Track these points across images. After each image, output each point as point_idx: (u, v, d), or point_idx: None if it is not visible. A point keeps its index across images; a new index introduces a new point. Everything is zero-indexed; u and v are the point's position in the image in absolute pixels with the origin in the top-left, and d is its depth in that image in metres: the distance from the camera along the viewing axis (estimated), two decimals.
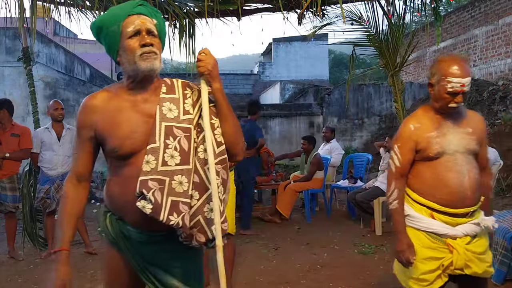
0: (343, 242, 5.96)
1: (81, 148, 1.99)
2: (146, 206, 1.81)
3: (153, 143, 1.86)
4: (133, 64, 1.87)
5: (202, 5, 5.49)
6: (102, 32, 1.94)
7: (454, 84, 2.39)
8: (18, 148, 5.48)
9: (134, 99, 1.94)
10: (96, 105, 1.94)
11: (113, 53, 1.95)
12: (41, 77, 10.99)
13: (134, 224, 1.95)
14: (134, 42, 1.87)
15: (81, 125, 1.96)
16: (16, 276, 4.84)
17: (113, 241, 2.01)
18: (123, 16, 1.89)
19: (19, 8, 5.52)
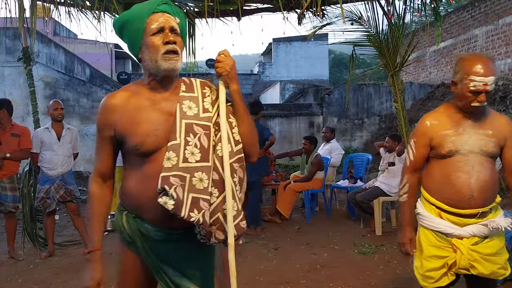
0: (343, 242, 5.96)
1: (103, 148, 2.01)
2: (168, 202, 1.81)
3: (174, 140, 1.88)
4: (154, 63, 1.89)
5: (202, 5, 5.48)
6: (126, 28, 1.96)
7: (476, 83, 2.37)
8: (18, 148, 5.47)
9: (154, 98, 1.95)
10: (115, 104, 1.94)
11: (135, 49, 1.96)
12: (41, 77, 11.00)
13: (152, 221, 1.96)
14: (158, 39, 1.89)
15: (101, 125, 1.97)
16: (16, 276, 4.84)
17: (129, 240, 2.01)
18: (147, 13, 1.91)
19: (19, 8, 5.52)
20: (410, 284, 3.88)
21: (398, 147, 6.24)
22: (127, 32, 1.97)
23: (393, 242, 5.75)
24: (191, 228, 1.92)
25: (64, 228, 7.01)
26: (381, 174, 6.76)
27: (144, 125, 1.90)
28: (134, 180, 1.96)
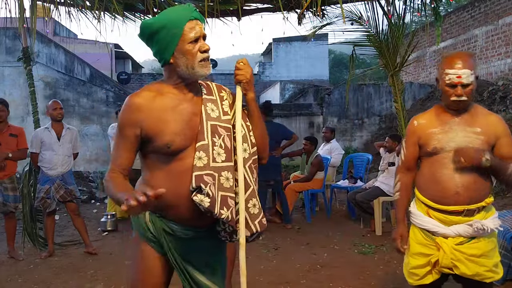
0: (343, 242, 5.96)
1: (125, 146, 2.01)
2: (204, 200, 1.91)
3: (202, 141, 1.98)
4: (191, 69, 1.97)
5: (202, 5, 5.48)
6: (161, 32, 1.96)
7: (451, 75, 2.44)
8: (16, 148, 5.48)
9: (179, 98, 2.03)
10: (141, 103, 1.97)
11: (167, 54, 1.98)
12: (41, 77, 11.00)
13: (179, 220, 2.02)
14: (194, 47, 1.97)
15: (126, 124, 1.98)
16: (16, 276, 4.84)
17: (153, 239, 2.04)
18: (185, 20, 1.97)
19: (19, 8, 5.52)
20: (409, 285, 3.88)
21: (398, 147, 6.23)
22: (162, 37, 1.97)
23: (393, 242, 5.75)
24: (213, 226, 2.05)
25: (64, 228, 7.01)
26: (381, 174, 6.76)
27: (173, 124, 1.97)
28: (160, 179, 1.99)
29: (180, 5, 2.08)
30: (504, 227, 4.13)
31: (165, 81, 2.06)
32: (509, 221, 4.23)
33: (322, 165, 7.48)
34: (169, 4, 5.58)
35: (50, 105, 5.60)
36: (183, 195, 1.95)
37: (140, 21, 6.20)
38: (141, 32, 2.05)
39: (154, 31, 1.99)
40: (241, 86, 2.09)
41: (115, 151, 2.05)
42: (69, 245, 6.00)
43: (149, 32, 2.01)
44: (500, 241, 4.05)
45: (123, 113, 2.00)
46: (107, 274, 4.82)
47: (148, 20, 2.07)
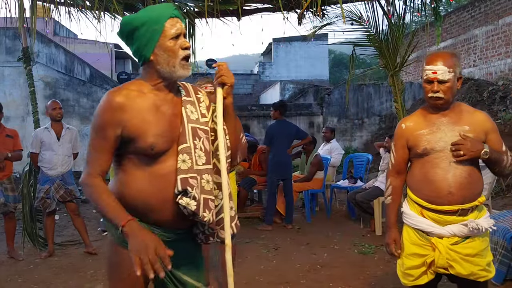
0: (343, 242, 5.95)
1: (105, 148, 1.93)
2: (190, 203, 1.88)
3: (184, 143, 1.94)
4: (172, 67, 1.93)
5: (202, 5, 5.48)
6: (142, 28, 1.92)
7: (427, 71, 2.48)
8: (13, 149, 5.48)
9: (159, 99, 1.98)
10: (124, 102, 1.90)
11: (148, 51, 1.94)
12: (41, 77, 11.01)
13: (160, 223, 1.96)
14: (175, 43, 1.93)
15: (107, 124, 1.90)
16: (16, 276, 4.84)
17: None
18: (166, 17, 1.93)
19: (19, 8, 5.52)
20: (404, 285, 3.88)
21: None
22: (143, 33, 1.93)
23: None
24: (192, 228, 2.05)
25: (64, 228, 7.01)
26: (381, 174, 6.76)
27: (156, 126, 1.92)
28: (141, 182, 1.93)
29: (161, 4, 2.03)
30: (504, 227, 4.13)
31: (144, 81, 2.00)
32: (509, 221, 4.23)
33: (322, 165, 7.48)
34: None
35: (50, 105, 5.60)
36: (166, 198, 1.91)
37: None
38: (121, 30, 2.00)
39: (134, 28, 1.94)
40: (223, 89, 2.05)
41: (94, 153, 1.96)
42: (69, 245, 6.00)
43: (129, 29, 1.96)
44: (500, 241, 4.06)
45: (103, 113, 1.90)
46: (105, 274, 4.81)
47: (128, 16, 2.02)
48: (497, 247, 4.05)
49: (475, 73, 12.55)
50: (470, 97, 10.80)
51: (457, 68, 2.48)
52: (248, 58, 75.04)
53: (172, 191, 1.90)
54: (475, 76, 12.39)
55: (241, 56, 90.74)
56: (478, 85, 11.29)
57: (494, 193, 6.60)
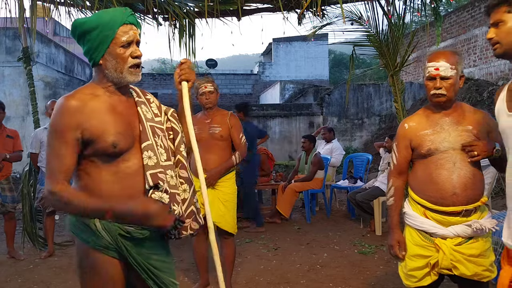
0: (343, 242, 5.96)
1: (67, 152, 1.89)
2: (163, 196, 1.96)
3: (147, 141, 2.00)
4: (119, 73, 1.97)
5: (202, 5, 5.48)
6: (93, 32, 1.93)
7: (429, 68, 2.48)
8: (13, 149, 5.47)
9: (114, 101, 2.01)
10: (79, 105, 1.91)
11: (97, 55, 1.96)
12: (41, 77, 11.01)
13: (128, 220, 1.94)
14: (125, 51, 1.95)
15: (67, 128, 1.88)
16: (16, 276, 4.84)
17: (109, 246, 1.95)
18: (119, 23, 1.94)
19: (19, 8, 5.52)
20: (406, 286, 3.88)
21: None
22: (94, 37, 1.93)
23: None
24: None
25: (64, 228, 7.01)
26: (381, 174, 6.76)
27: (115, 124, 1.94)
28: (106, 183, 1.94)
29: (117, 8, 2.04)
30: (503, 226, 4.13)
31: (96, 84, 2.02)
32: None
33: (322, 164, 7.48)
34: (169, 4, 5.59)
35: (49, 105, 5.61)
36: (135, 195, 1.94)
37: (140, 21, 6.21)
38: (72, 30, 1.99)
39: (85, 31, 1.95)
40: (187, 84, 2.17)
41: (57, 160, 1.90)
42: (69, 245, 5.99)
43: (80, 31, 1.96)
44: (500, 241, 4.05)
45: (61, 117, 1.89)
46: None
47: (81, 19, 2.03)
48: (497, 247, 4.04)
49: (475, 73, 12.56)
50: (470, 97, 10.80)
51: (459, 66, 2.48)
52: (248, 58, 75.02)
53: (141, 188, 1.96)
54: (475, 76, 12.39)
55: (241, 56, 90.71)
56: (478, 85, 11.29)
57: (494, 193, 6.59)
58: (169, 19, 5.85)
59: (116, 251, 1.96)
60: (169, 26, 6.01)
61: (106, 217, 1.87)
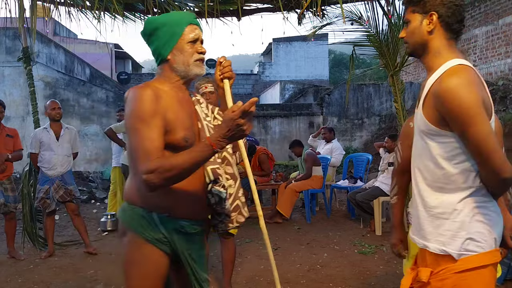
0: (343, 242, 5.96)
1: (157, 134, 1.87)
2: (222, 190, 2.09)
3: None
4: (187, 66, 2.07)
5: (202, 5, 5.49)
6: (163, 28, 2.06)
7: None
8: (13, 149, 5.47)
9: (180, 97, 2.09)
10: (156, 95, 1.95)
11: (166, 50, 2.07)
12: (41, 77, 11.01)
13: (187, 216, 2.05)
14: (192, 47, 2.08)
15: (153, 112, 1.89)
16: (16, 276, 4.84)
17: (163, 240, 2.01)
18: (186, 22, 2.08)
19: (19, 8, 5.52)
20: None
21: None
22: (164, 33, 2.06)
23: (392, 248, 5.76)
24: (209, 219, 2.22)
25: (64, 228, 7.02)
26: (381, 174, 6.76)
27: (185, 119, 2.05)
28: None
29: (184, 11, 2.22)
30: None
31: (163, 79, 2.09)
32: None
33: (316, 159, 7.47)
34: (169, 4, 5.59)
35: (48, 105, 5.60)
36: (197, 189, 2.05)
37: (140, 21, 6.21)
38: (144, 28, 2.13)
39: (156, 27, 2.08)
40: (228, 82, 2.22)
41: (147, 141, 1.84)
42: (69, 245, 6.00)
43: (151, 28, 2.09)
44: None
45: (144, 103, 1.89)
46: (107, 274, 4.82)
47: (152, 17, 2.18)
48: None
49: None
50: None
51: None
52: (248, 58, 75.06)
53: (200, 182, 2.06)
54: None
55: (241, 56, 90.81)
56: None
57: None
58: None
59: (167, 245, 2.03)
60: None
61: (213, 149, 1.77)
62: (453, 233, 1.80)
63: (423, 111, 1.84)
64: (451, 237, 1.80)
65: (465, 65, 1.76)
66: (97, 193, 9.98)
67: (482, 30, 12.39)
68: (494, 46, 11.92)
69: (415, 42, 1.91)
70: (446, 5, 1.82)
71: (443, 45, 1.85)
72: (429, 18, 1.84)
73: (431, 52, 1.87)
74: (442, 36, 1.85)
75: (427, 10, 1.84)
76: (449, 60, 1.79)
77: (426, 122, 1.82)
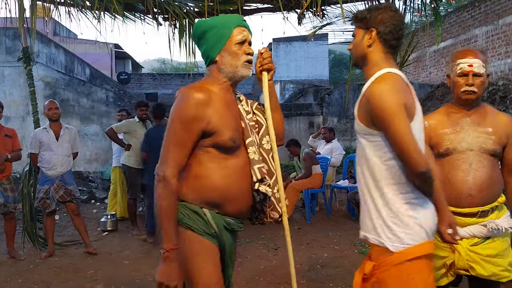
0: (343, 242, 5.96)
1: (189, 141, 2.02)
2: (268, 189, 2.13)
3: (249, 137, 2.15)
4: (234, 68, 2.12)
5: (202, 5, 5.49)
6: (211, 31, 2.12)
7: (462, 64, 2.46)
8: (12, 149, 5.47)
9: (227, 97, 2.15)
10: (205, 98, 2.03)
11: (214, 52, 2.12)
12: (41, 77, 11.01)
13: (233, 213, 2.12)
14: (240, 49, 2.12)
15: (194, 118, 1.99)
16: (16, 276, 4.84)
17: (214, 234, 2.09)
18: (235, 24, 2.13)
19: (19, 8, 5.52)
20: None
21: None
22: (213, 34, 2.12)
23: None
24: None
25: (64, 228, 7.02)
26: None
27: (232, 120, 2.10)
28: (219, 175, 2.06)
29: (232, 14, 2.27)
30: None
31: (212, 80, 2.14)
32: None
33: (314, 158, 7.47)
34: (169, 4, 5.59)
35: (46, 105, 5.60)
36: (244, 188, 2.09)
37: (140, 22, 6.21)
38: (194, 31, 2.22)
39: (204, 30, 2.14)
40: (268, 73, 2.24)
41: (178, 147, 2.02)
42: (69, 245, 6.00)
43: (200, 31, 2.15)
44: None
45: (190, 107, 2.00)
46: (107, 274, 4.82)
47: (201, 20, 2.22)
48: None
49: None
50: None
51: (487, 64, 2.49)
52: None
53: (247, 181, 2.09)
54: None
55: None
56: None
57: None
58: (169, 19, 5.86)
59: (216, 239, 2.11)
60: (169, 26, 6.02)
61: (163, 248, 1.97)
62: (387, 226, 1.93)
63: (358, 113, 2.09)
64: (386, 230, 1.93)
65: (393, 73, 1.97)
66: (97, 193, 9.97)
67: (482, 30, 12.39)
68: (494, 46, 11.91)
69: (357, 54, 2.12)
70: (385, 23, 2.06)
71: (380, 58, 2.06)
72: (369, 34, 2.05)
73: (370, 63, 2.07)
74: (380, 50, 2.07)
75: (368, 27, 2.06)
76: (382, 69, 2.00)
77: (358, 123, 2.06)
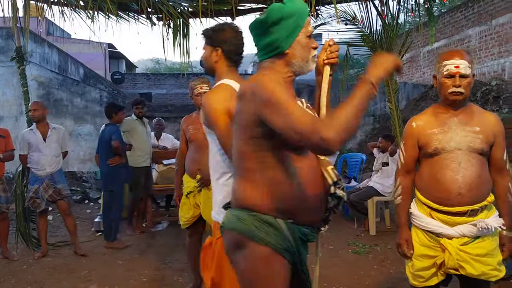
0: (337, 242, 5.96)
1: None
2: (343, 193, 1.95)
3: None
4: (305, 62, 1.94)
5: (196, 5, 5.48)
6: (289, 19, 1.86)
7: (449, 66, 2.46)
8: (5, 149, 5.44)
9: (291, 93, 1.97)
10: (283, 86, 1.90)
11: (287, 43, 1.89)
12: (34, 77, 10.94)
13: (309, 222, 1.91)
14: (310, 41, 1.95)
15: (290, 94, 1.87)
16: (9, 277, 4.82)
17: (289, 248, 1.84)
18: (307, 14, 1.94)
19: (12, 7, 5.48)
20: (404, 284, 3.89)
21: (391, 147, 6.25)
22: (288, 24, 1.87)
23: (387, 242, 5.77)
24: None
25: (57, 229, 6.98)
26: (375, 174, 6.77)
27: None
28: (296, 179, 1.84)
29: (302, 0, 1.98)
30: None
31: (273, 73, 1.91)
32: None
33: None
34: (163, 4, 5.57)
35: (30, 106, 5.58)
36: (318, 193, 1.90)
37: (134, 21, 6.19)
38: (267, 16, 1.89)
39: (281, 17, 1.86)
40: (331, 68, 2.06)
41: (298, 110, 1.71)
42: (62, 246, 5.97)
43: (276, 17, 1.86)
44: None
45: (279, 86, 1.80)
46: (101, 275, 4.80)
47: (277, 4, 1.90)
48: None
49: None
50: None
51: (473, 65, 2.51)
52: None
53: (321, 185, 1.91)
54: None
55: None
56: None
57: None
58: (163, 19, 5.83)
59: (293, 255, 1.86)
60: (163, 26, 5.99)
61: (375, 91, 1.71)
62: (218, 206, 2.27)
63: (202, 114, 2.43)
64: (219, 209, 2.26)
65: (226, 84, 2.39)
66: (90, 193, 9.93)
67: (476, 31, 12.44)
68: (488, 47, 11.96)
69: (207, 67, 2.59)
70: (227, 43, 2.47)
71: (224, 71, 2.48)
72: (216, 52, 2.50)
73: (217, 75, 2.52)
74: (224, 65, 2.49)
75: (214, 45, 2.50)
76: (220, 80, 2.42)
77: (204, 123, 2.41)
